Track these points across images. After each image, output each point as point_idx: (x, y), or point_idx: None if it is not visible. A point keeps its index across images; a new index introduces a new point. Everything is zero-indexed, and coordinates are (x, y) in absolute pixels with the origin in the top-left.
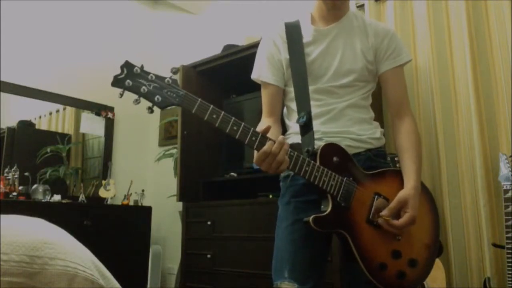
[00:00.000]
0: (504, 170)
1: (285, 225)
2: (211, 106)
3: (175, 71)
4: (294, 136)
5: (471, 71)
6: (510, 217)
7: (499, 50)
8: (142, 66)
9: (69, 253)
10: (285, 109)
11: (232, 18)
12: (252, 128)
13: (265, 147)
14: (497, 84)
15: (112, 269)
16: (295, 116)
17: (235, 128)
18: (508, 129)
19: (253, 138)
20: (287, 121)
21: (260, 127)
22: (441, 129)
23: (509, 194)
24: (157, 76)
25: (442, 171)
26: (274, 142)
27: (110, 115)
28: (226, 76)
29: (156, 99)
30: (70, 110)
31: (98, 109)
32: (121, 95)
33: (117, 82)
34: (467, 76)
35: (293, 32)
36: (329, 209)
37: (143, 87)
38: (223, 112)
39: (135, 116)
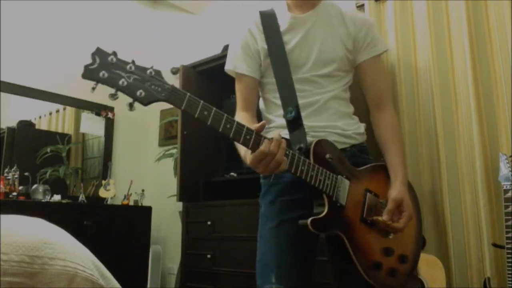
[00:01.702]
0: (504, 170)
1: (270, 226)
2: (201, 101)
3: (175, 71)
4: (276, 131)
5: (471, 71)
6: (510, 217)
7: (499, 50)
8: (116, 53)
9: (69, 253)
10: (261, 103)
11: (232, 18)
12: (246, 126)
13: (263, 147)
14: (497, 84)
15: (112, 269)
16: (276, 109)
17: (228, 126)
18: (508, 129)
19: (247, 137)
20: (266, 115)
21: (246, 123)
22: (441, 129)
23: (509, 194)
24: (137, 67)
25: (442, 171)
26: (270, 141)
27: (110, 115)
28: (226, 76)
29: (138, 94)
30: (70, 110)
31: (98, 109)
32: (94, 89)
33: (89, 73)
34: (467, 76)
35: (269, 20)
36: (326, 210)
37: (122, 79)
38: (214, 108)
39: (135, 116)
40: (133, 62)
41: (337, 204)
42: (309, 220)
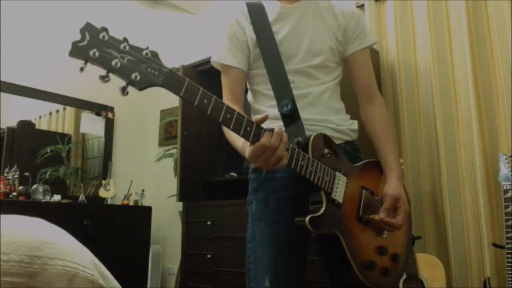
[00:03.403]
0: (504, 170)
1: (264, 226)
2: (201, 88)
3: (175, 71)
4: (267, 122)
5: (471, 71)
6: (510, 217)
7: (499, 50)
8: (107, 30)
9: (69, 253)
10: (249, 95)
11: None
12: (246, 117)
13: (263, 140)
14: (497, 84)
15: (112, 269)
16: (267, 100)
17: (228, 116)
18: (508, 129)
19: (248, 129)
20: (256, 106)
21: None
22: (441, 129)
23: (509, 194)
24: (131, 46)
25: (442, 171)
26: (270, 134)
27: (110, 115)
28: None
29: (133, 77)
30: (70, 110)
31: (98, 109)
32: (82, 69)
33: (77, 51)
34: (467, 76)
35: (256, 11)
36: (324, 208)
37: (115, 60)
38: (214, 97)
39: (135, 116)
40: (126, 40)
41: (335, 202)
42: (307, 218)
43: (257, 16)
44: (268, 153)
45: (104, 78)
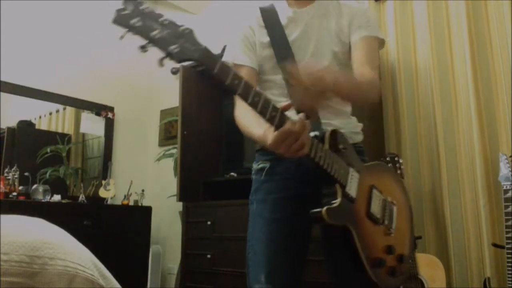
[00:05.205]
0: (504, 170)
1: (262, 225)
2: (234, 70)
3: (175, 71)
4: None
5: (471, 71)
6: (510, 217)
7: (499, 50)
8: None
9: (69, 253)
10: None
11: (232, 18)
12: (272, 102)
13: (288, 125)
14: (497, 84)
15: (112, 269)
16: (277, 103)
17: (256, 99)
18: (508, 129)
19: (273, 113)
20: None
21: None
22: (441, 129)
23: (509, 194)
24: (170, 21)
25: (442, 171)
26: (295, 122)
27: (110, 115)
28: None
29: (172, 49)
30: (70, 110)
31: (98, 109)
32: (123, 37)
33: (120, 19)
34: (467, 76)
35: (269, 15)
36: (339, 200)
37: (156, 31)
38: (244, 79)
39: (135, 116)
40: (169, 19)
41: (349, 196)
42: (324, 208)
43: (270, 20)
44: (292, 139)
45: (143, 48)
